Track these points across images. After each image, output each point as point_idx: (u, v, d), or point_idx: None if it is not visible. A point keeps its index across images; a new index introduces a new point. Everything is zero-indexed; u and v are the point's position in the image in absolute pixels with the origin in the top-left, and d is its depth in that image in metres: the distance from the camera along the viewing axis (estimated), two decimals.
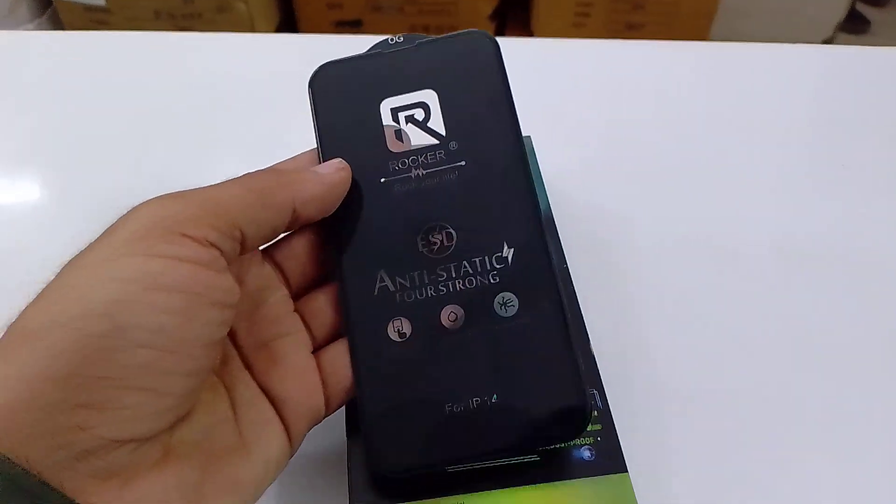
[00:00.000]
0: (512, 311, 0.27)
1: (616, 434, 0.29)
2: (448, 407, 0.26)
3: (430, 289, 0.28)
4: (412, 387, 0.27)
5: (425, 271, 0.28)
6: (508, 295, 0.27)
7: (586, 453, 0.28)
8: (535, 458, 0.28)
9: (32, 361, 0.19)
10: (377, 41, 0.31)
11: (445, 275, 0.28)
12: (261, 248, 0.28)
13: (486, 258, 0.28)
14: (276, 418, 0.26)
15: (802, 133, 0.45)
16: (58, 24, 1.26)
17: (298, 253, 0.29)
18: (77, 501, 0.20)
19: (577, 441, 0.28)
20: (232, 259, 0.24)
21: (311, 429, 0.27)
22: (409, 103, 0.30)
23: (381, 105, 0.30)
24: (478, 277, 0.28)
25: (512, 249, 0.28)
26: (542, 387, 0.26)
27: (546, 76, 0.47)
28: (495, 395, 0.26)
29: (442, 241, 0.28)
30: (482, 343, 0.27)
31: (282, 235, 0.28)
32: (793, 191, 0.41)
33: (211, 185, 0.25)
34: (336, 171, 0.28)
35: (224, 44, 0.52)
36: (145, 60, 0.49)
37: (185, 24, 1.19)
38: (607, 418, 0.29)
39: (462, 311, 0.27)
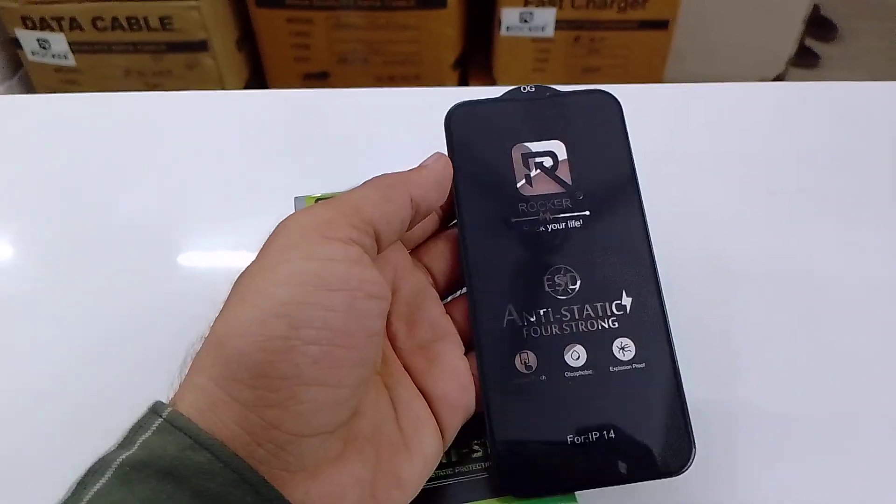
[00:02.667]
0: (629, 356, 0.30)
1: None
2: (570, 438, 0.29)
3: (555, 327, 0.30)
4: (538, 417, 0.29)
5: (551, 310, 0.30)
6: (626, 340, 0.30)
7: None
8: None
9: (221, 367, 0.22)
10: (509, 91, 0.33)
11: (569, 315, 0.30)
12: (411, 251, 0.31)
13: (607, 304, 0.30)
14: (431, 416, 0.28)
15: (755, 166, 0.47)
16: (28, 84, 1.28)
17: (445, 254, 0.32)
18: (284, 493, 0.22)
19: None
20: (373, 254, 0.26)
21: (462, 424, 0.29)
22: (538, 151, 0.32)
23: (513, 149, 0.32)
24: (599, 321, 0.30)
25: (630, 298, 0.30)
26: (654, 426, 0.29)
27: None
28: (612, 431, 0.29)
29: (566, 284, 0.30)
30: (601, 382, 0.29)
31: (428, 237, 0.31)
32: (742, 221, 0.44)
33: (346, 191, 0.27)
34: (437, 159, 0.30)
35: (195, 101, 0.54)
36: (118, 120, 0.51)
37: (156, 82, 1.21)
38: None
39: (584, 350, 0.30)
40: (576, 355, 0.29)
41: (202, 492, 0.21)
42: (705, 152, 0.47)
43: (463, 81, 1.35)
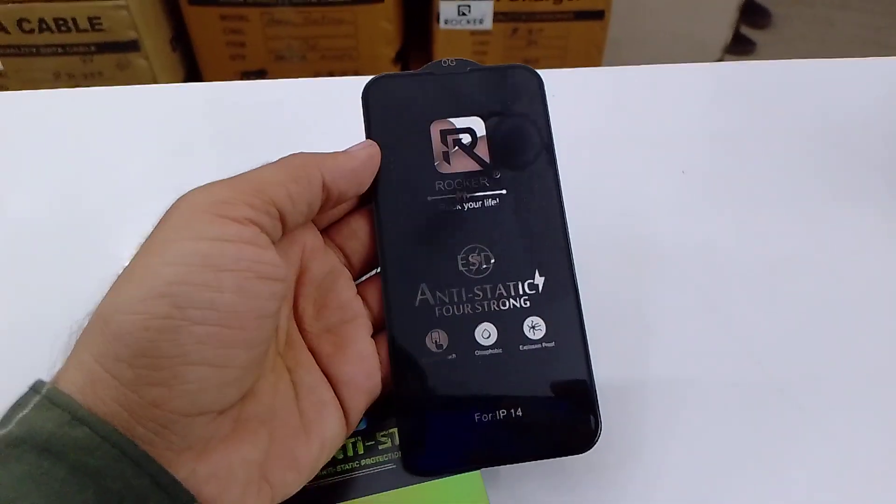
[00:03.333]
0: (539, 335, 0.30)
1: None
2: (477, 416, 0.29)
3: (468, 306, 0.30)
4: (445, 395, 0.29)
5: (464, 289, 0.30)
6: (537, 319, 0.30)
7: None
8: None
9: (104, 345, 0.22)
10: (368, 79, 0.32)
11: (482, 294, 0.30)
12: (323, 229, 0.30)
13: (520, 283, 0.30)
14: (335, 400, 0.27)
15: (672, 147, 0.48)
16: None
17: (359, 233, 0.31)
18: (169, 471, 0.21)
19: None
20: (275, 234, 0.25)
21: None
22: (457, 127, 0.32)
23: (432, 125, 0.32)
24: (511, 300, 0.30)
25: (543, 278, 0.30)
26: (560, 404, 0.29)
27: None
28: (520, 409, 0.29)
29: (480, 263, 0.30)
30: (510, 360, 0.29)
31: (342, 216, 0.31)
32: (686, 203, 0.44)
33: (251, 169, 0.26)
34: (363, 148, 0.30)
35: (127, 96, 0.52)
36: (48, 118, 0.50)
37: (86, 84, 1.18)
38: None
39: (495, 329, 0.30)
40: (486, 334, 0.30)
41: (80, 466, 0.20)
42: (626, 135, 0.48)
43: None
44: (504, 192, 0.31)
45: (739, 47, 1.67)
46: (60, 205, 0.44)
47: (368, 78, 0.32)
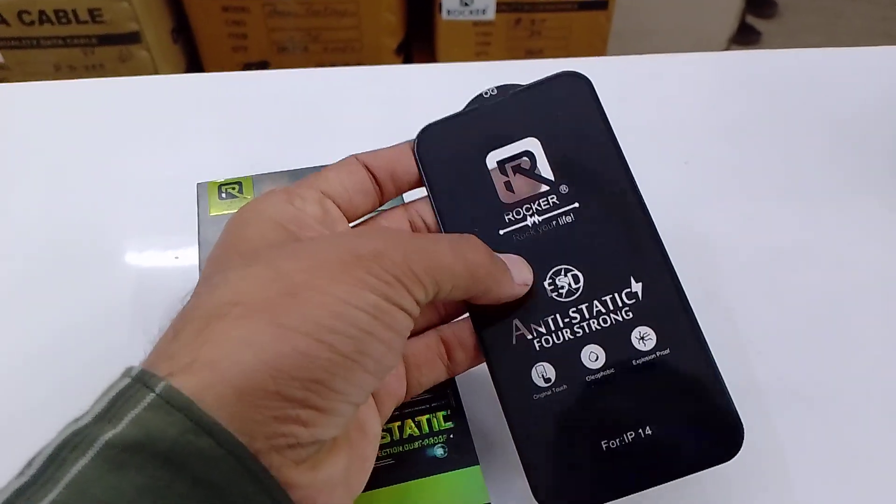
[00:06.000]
0: (651, 344, 0.28)
1: (469, 430, 0.30)
2: (605, 444, 0.27)
3: (567, 332, 0.28)
4: (566, 428, 0.27)
5: (558, 315, 0.28)
6: (644, 329, 0.28)
7: (439, 451, 0.29)
8: None
9: (284, 358, 0.21)
10: (471, 97, 0.32)
11: (579, 317, 0.28)
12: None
13: (616, 295, 0.28)
14: (373, 401, 0.27)
15: (676, 136, 0.48)
16: None
17: None
18: (285, 488, 0.21)
19: (431, 440, 0.30)
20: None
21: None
22: (513, 154, 0.30)
23: (487, 159, 0.30)
24: (611, 315, 0.28)
25: (640, 283, 0.28)
26: (693, 413, 0.27)
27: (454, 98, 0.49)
28: (648, 428, 0.27)
29: (569, 284, 0.29)
30: (626, 378, 0.27)
31: None
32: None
33: (430, 238, 0.26)
34: (524, 285, 0.29)
35: (129, 88, 0.52)
36: (49, 111, 0.50)
37: (87, 76, 1.18)
38: (460, 416, 0.31)
39: (602, 349, 0.28)
40: (593, 356, 0.28)
41: (203, 481, 0.19)
42: (629, 125, 0.46)
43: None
44: (576, 205, 0.29)
45: (745, 37, 1.66)
46: (61, 196, 0.44)
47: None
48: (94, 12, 1.13)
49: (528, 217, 0.30)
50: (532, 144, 0.30)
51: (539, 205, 0.30)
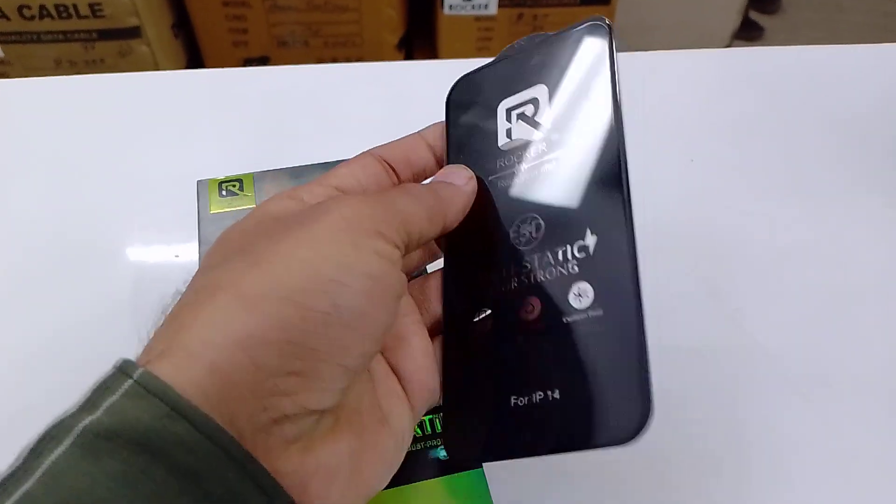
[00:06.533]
0: (586, 303, 0.26)
1: None
2: (514, 399, 0.26)
3: (515, 281, 0.28)
4: (485, 379, 0.27)
5: (513, 263, 0.28)
6: (584, 285, 0.26)
7: (442, 452, 0.29)
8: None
9: (253, 326, 0.20)
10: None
11: (529, 265, 0.28)
12: None
13: (569, 247, 0.27)
14: (404, 394, 0.27)
15: (680, 134, 0.47)
16: None
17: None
18: (272, 473, 0.20)
19: (434, 441, 0.29)
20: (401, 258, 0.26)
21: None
22: (521, 101, 0.30)
23: (499, 106, 0.31)
24: (558, 268, 0.27)
25: (595, 237, 0.26)
26: (604, 386, 0.24)
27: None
28: (557, 391, 0.25)
29: (531, 233, 0.28)
30: (552, 336, 0.26)
31: None
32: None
33: (390, 193, 0.27)
34: (468, 181, 0.29)
35: (129, 83, 0.52)
36: (49, 106, 0.49)
37: (88, 71, 1.18)
38: None
39: (540, 303, 0.27)
40: (530, 307, 0.27)
41: (179, 467, 0.19)
42: (633, 122, 0.46)
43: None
44: (562, 152, 0.28)
45: (747, 33, 1.65)
46: (61, 191, 0.44)
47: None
48: (94, 7, 1.12)
49: (517, 164, 0.29)
50: (540, 92, 0.30)
51: (529, 152, 0.29)
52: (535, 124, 0.29)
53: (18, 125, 0.48)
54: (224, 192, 0.36)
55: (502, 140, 0.30)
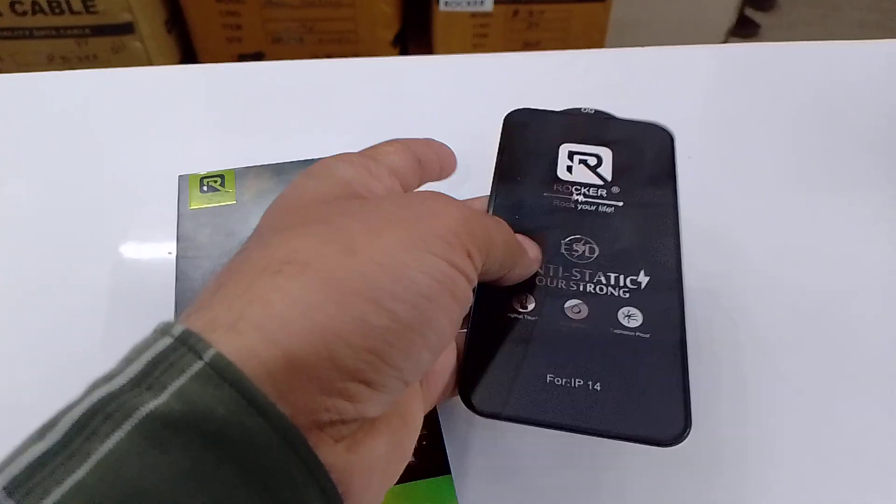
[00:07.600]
0: (634, 324, 0.28)
1: (442, 438, 0.30)
2: (550, 377, 0.27)
3: (563, 282, 0.29)
4: (520, 350, 0.28)
5: (562, 268, 0.30)
6: (634, 310, 0.29)
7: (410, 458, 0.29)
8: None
9: (339, 323, 0.19)
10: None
11: (579, 276, 0.30)
12: None
13: (623, 276, 0.30)
14: (420, 391, 0.26)
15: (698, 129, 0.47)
16: None
17: None
18: (327, 469, 0.19)
19: None
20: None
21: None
22: (586, 151, 0.34)
23: (561, 146, 0.34)
24: (609, 287, 0.29)
25: (648, 277, 0.29)
26: (649, 393, 0.27)
27: (450, 91, 0.48)
28: (599, 384, 0.27)
29: (584, 252, 0.30)
30: (597, 339, 0.28)
31: None
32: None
33: (489, 218, 0.27)
34: (537, 259, 0.30)
35: (122, 79, 0.51)
36: (42, 102, 0.49)
37: (80, 67, 1.17)
38: (434, 423, 0.30)
39: (587, 307, 0.29)
40: (577, 309, 0.29)
41: (252, 467, 0.17)
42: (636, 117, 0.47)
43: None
44: (621, 203, 0.32)
45: (744, 30, 1.65)
46: (55, 188, 0.44)
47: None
48: (87, 3, 1.12)
49: (574, 194, 0.32)
50: (604, 153, 0.33)
51: (588, 190, 0.32)
52: (596, 173, 0.33)
53: (10, 120, 0.48)
54: (205, 188, 0.36)
55: (562, 171, 0.33)
